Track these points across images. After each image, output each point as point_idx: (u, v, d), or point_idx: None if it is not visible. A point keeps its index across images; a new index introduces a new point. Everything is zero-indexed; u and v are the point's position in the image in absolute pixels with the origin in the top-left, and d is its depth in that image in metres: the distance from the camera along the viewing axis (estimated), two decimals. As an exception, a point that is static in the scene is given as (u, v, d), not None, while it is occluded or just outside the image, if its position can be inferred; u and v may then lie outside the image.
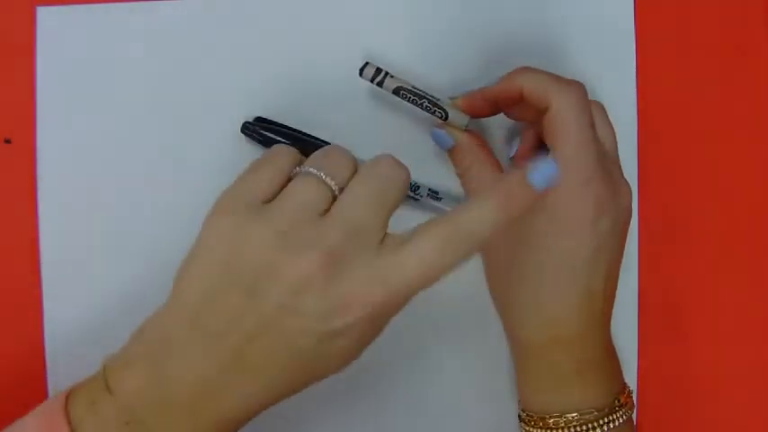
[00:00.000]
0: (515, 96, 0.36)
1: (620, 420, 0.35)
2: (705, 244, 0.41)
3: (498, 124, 0.41)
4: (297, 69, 0.42)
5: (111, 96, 0.41)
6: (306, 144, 0.40)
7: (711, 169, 0.40)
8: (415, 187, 0.40)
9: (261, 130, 0.40)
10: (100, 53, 0.41)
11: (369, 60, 0.39)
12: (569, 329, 0.36)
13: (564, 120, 0.34)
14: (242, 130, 0.41)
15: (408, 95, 0.38)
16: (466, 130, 0.39)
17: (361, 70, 0.39)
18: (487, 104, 0.38)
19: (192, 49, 0.42)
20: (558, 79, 0.35)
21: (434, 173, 0.41)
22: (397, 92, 0.39)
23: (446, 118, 0.39)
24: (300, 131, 0.41)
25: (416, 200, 0.40)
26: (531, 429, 0.37)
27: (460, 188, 0.41)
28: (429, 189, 0.40)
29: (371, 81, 0.39)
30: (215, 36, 0.42)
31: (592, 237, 0.35)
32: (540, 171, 0.29)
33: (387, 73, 0.39)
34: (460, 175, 0.40)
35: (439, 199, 0.40)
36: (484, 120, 0.41)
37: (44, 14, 0.41)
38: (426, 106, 0.38)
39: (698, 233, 0.41)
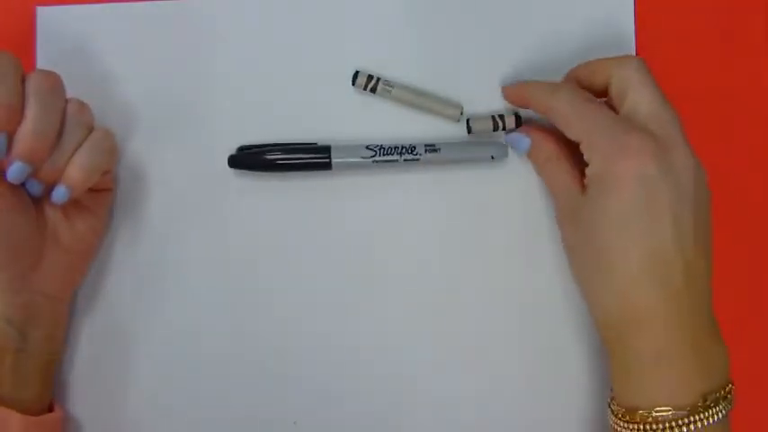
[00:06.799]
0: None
1: (701, 424, 0.32)
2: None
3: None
4: (296, 69, 0.42)
5: (111, 96, 0.42)
6: (294, 150, 0.40)
7: (712, 168, 0.39)
8: (411, 149, 0.39)
9: (247, 161, 0.40)
10: (99, 53, 0.42)
11: (359, 69, 0.40)
12: (644, 308, 0.33)
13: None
14: (230, 165, 0.40)
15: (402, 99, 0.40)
16: (535, 129, 0.39)
17: (354, 79, 0.40)
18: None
19: (190, 49, 0.42)
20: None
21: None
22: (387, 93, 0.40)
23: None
24: (284, 143, 0.40)
25: (417, 160, 0.39)
26: (618, 421, 0.34)
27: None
28: (425, 144, 0.39)
29: (365, 88, 0.40)
30: (213, 35, 0.42)
31: (635, 188, 0.33)
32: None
33: (378, 78, 0.40)
34: (540, 171, 0.39)
35: (437, 150, 0.39)
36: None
37: (44, 14, 0.42)
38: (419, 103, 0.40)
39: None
